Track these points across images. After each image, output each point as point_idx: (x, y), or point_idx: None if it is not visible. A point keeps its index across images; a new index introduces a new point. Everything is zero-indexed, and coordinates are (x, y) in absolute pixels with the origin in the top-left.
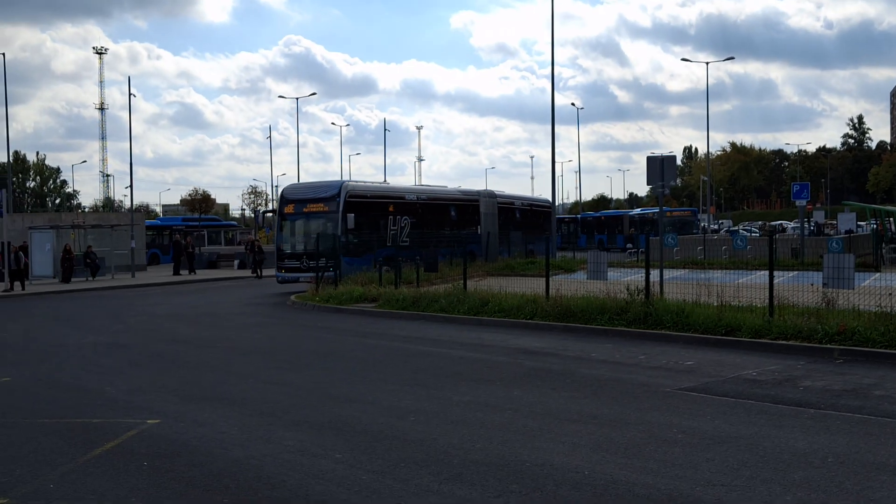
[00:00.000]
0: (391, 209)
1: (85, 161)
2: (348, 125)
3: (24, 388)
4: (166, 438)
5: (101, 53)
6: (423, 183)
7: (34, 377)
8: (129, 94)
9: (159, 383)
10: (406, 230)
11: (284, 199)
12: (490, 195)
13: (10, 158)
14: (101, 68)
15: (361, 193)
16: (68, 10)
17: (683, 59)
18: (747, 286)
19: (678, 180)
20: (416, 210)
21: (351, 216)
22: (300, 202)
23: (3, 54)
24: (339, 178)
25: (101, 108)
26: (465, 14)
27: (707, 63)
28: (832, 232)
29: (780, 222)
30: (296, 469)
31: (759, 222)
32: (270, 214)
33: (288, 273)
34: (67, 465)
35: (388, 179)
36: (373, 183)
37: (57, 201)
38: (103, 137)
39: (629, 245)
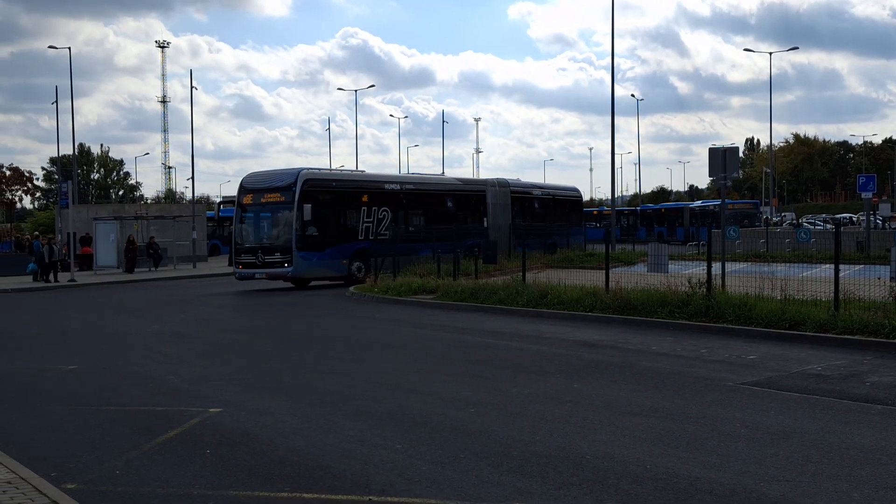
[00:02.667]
0: (365, 199)
1: (147, 153)
2: (406, 117)
3: (90, 376)
4: (228, 427)
5: (163, 47)
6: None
7: (100, 365)
8: (191, 87)
9: (221, 372)
10: (385, 223)
11: (243, 189)
12: (502, 184)
13: (76, 151)
14: (163, 62)
15: (324, 182)
16: (131, 4)
17: (746, 50)
18: (811, 280)
19: (740, 172)
20: (399, 201)
21: (308, 207)
22: (258, 192)
23: (70, 49)
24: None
25: (164, 101)
26: (523, 5)
27: (770, 53)
28: None
29: (845, 215)
30: (356, 459)
31: (823, 215)
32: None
33: (245, 269)
34: (132, 451)
35: (445, 171)
36: (341, 170)
37: (120, 193)
38: (165, 130)
39: (690, 238)
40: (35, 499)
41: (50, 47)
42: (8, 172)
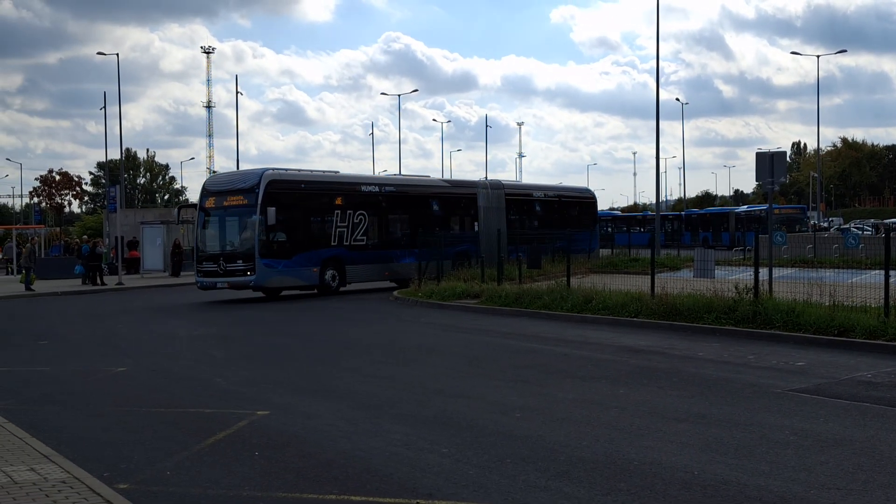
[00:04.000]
0: (339, 202)
1: (192, 158)
2: (449, 121)
3: (139, 377)
4: (276, 429)
5: (208, 53)
6: (522, 178)
7: (149, 367)
8: (237, 93)
9: (268, 375)
10: (361, 227)
11: (205, 192)
12: (494, 185)
13: (123, 155)
14: (208, 67)
15: (291, 183)
16: (176, 10)
17: (793, 53)
18: (860, 286)
19: (787, 177)
20: (377, 204)
21: (272, 210)
22: (220, 194)
23: (117, 55)
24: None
25: (208, 106)
26: (566, 9)
27: (818, 56)
28: None
29: (894, 220)
30: (403, 462)
31: (871, 220)
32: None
33: (206, 278)
34: (182, 453)
35: (488, 176)
36: (311, 171)
37: (165, 197)
38: (210, 135)
39: (736, 244)
40: (89, 498)
41: (98, 53)
42: (58, 177)
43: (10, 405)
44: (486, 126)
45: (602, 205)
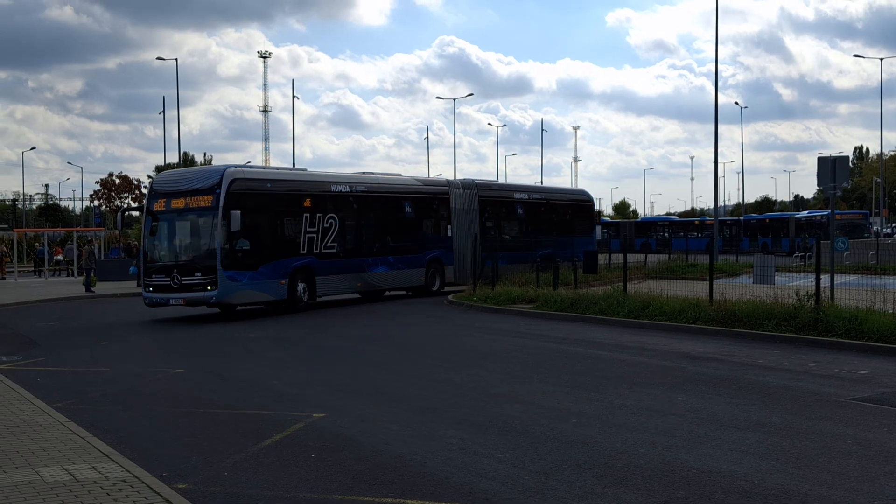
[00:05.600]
0: (307, 204)
1: (249, 161)
2: (504, 125)
3: (196, 378)
4: (332, 432)
5: (265, 57)
6: (577, 183)
7: (205, 369)
8: (293, 97)
9: (324, 378)
10: (332, 233)
11: (154, 193)
12: (467, 185)
13: (181, 159)
14: (264, 72)
15: (256, 182)
16: (233, 15)
17: (856, 56)
18: None
19: (850, 182)
20: (349, 206)
21: (237, 214)
22: (172, 195)
23: (176, 60)
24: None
25: (265, 111)
26: (622, 11)
27: (881, 59)
28: None
29: None
30: (458, 467)
31: None
32: (137, 213)
33: (156, 293)
34: (239, 454)
35: (544, 181)
36: (276, 169)
37: None
38: (266, 139)
39: (796, 250)
40: (149, 497)
41: (157, 59)
42: (117, 181)
43: (72, 404)
44: (542, 130)
45: (659, 209)
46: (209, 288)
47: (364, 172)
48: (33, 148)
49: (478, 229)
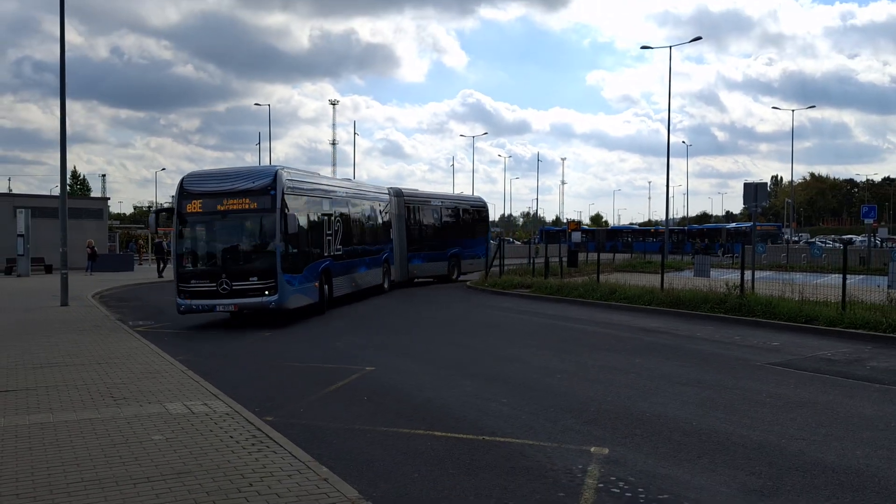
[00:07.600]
0: (327, 207)
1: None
2: (510, 157)
3: (279, 339)
4: (380, 381)
5: (334, 104)
6: (563, 201)
7: (287, 333)
8: (354, 133)
9: (374, 342)
10: (339, 235)
11: (186, 193)
12: (395, 193)
13: None
14: (333, 115)
15: (298, 183)
16: (310, 72)
17: (774, 108)
18: (823, 286)
19: (767, 201)
20: (347, 209)
21: (293, 216)
22: (213, 196)
23: (269, 105)
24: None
25: (333, 143)
26: (598, 73)
27: (793, 110)
28: (894, 245)
29: (850, 236)
30: (472, 408)
31: (832, 236)
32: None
33: (198, 300)
34: (311, 396)
35: (538, 199)
36: (297, 169)
37: None
38: (334, 164)
39: (726, 252)
40: (245, 426)
41: (255, 104)
42: None
43: (190, 357)
44: (538, 160)
45: (624, 220)
46: (267, 293)
47: (342, 178)
48: (163, 169)
49: (404, 231)
